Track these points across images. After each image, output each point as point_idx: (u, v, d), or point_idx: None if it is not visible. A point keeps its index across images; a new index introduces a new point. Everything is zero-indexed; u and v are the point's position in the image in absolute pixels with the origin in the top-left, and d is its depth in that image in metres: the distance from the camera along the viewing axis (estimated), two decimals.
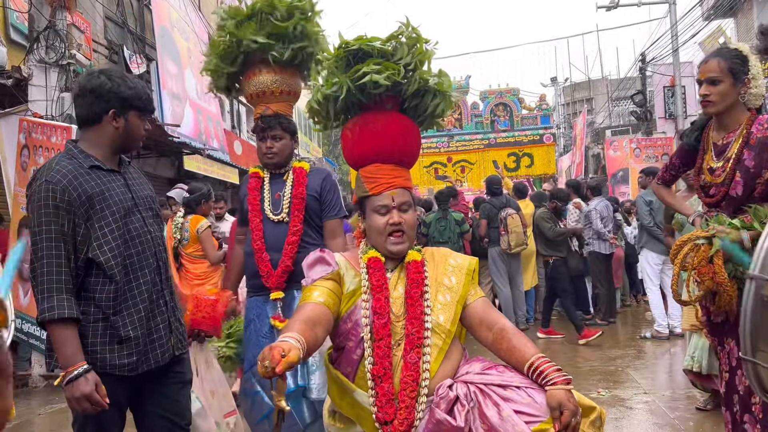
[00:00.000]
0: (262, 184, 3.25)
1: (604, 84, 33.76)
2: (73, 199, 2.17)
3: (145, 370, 2.28)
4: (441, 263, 2.25)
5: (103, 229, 2.21)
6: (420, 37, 2.30)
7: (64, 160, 2.25)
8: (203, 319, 2.78)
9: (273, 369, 1.67)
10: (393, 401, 2.00)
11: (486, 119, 18.48)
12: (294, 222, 3.13)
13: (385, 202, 2.20)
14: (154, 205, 2.48)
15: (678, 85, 15.03)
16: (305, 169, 3.26)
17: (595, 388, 5.17)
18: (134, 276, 2.27)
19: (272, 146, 3.19)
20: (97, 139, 2.32)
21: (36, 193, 2.18)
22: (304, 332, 1.88)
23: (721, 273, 2.48)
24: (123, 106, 2.30)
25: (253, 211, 3.18)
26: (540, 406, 1.92)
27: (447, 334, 2.11)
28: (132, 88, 2.31)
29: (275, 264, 3.09)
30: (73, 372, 2.07)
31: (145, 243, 2.33)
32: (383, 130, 2.25)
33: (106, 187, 2.26)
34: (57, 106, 5.86)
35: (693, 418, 4.32)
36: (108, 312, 2.20)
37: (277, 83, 3.24)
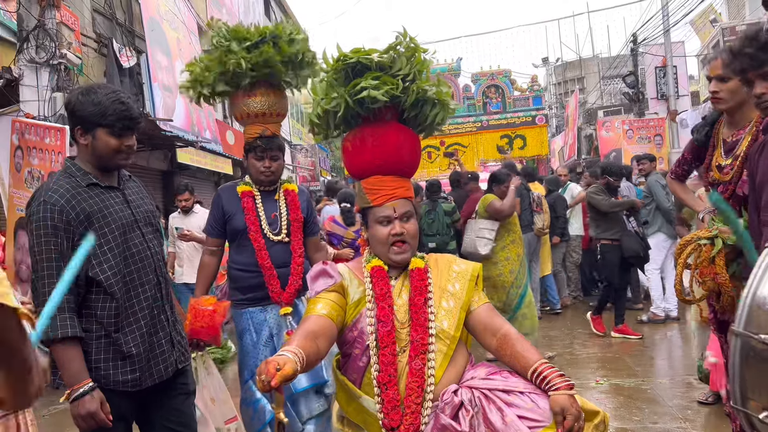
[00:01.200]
0: (255, 203, 3.33)
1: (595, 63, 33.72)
2: (71, 219, 2.17)
3: (149, 385, 2.31)
4: (445, 269, 2.27)
5: (102, 247, 2.22)
6: (417, 47, 2.30)
7: (62, 179, 2.26)
8: (202, 328, 2.82)
9: (269, 383, 1.72)
10: (399, 407, 2.04)
11: (478, 101, 18.46)
12: (298, 244, 3.32)
13: (387, 213, 2.22)
14: (154, 219, 2.48)
15: (669, 66, 15.02)
16: (296, 191, 3.43)
17: (593, 376, 5.24)
18: (135, 293, 2.29)
19: (270, 166, 3.32)
20: (82, 156, 2.33)
21: (35, 214, 2.19)
22: (305, 345, 1.92)
23: (723, 274, 2.50)
24: (87, 123, 2.24)
25: (255, 230, 3.27)
26: (543, 412, 1.96)
27: (451, 340, 2.14)
28: (96, 104, 2.22)
29: (281, 280, 3.24)
30: (79, 390, 2.09)
31: (145, 259, 2.34)
32: (383, 142, 2.26)
33: (104, 204, 2.27)
34: (49, 106, 5.83)
35: (691, 407, 4.39)
36: (110, 329, 2.23)
37: (275, 105, 3.35)
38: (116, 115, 2.24)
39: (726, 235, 2.54)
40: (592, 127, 22.94)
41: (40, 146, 5.58)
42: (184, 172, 12.74)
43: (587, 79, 35.88)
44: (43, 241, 2.15)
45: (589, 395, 4.76)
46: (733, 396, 1.51)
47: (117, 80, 9.43)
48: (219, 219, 3.37)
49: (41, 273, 2.15)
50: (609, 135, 18.59)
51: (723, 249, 2.55)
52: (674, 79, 15.12)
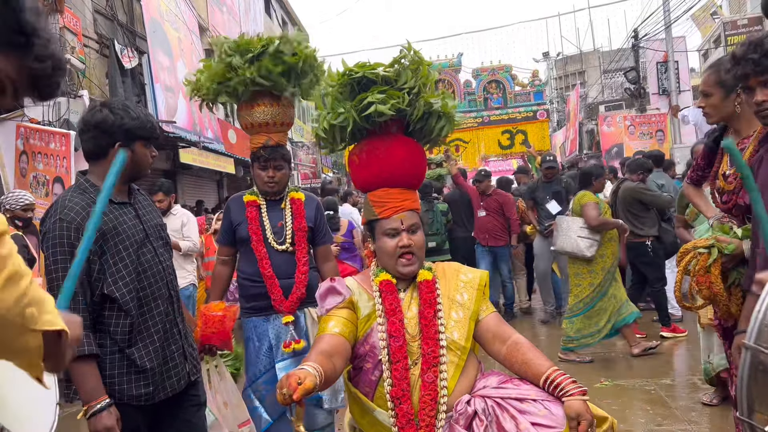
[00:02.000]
0: (260, 212, 3.35)
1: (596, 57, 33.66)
2: None
3: (162, 398, 2.34)
4: (452, 279, 2.29)
5: (117, 264, 2.24)
6: (422, 60, 2.32)
7: (76, 196, 2.27)
8: (213, 334, 2.85)
9: (290, 396, 1.73)
10: (413, 421, 2.06)
11: (479, 97, 18.45)
12: (302, 253, 3.32)
13: (394, 225, 2.24)
14: (164, 233, 2.51)
15: (671, 61, 15.01)
16: (302, 200, 3.42)
17: (597, 377, 5.26)
18: (148, 308, 2.31)
19: (274, 176, 3.33)
20: (105, 172, 2.32)
21: (50, 231, 2.20)
22: (322, 363, 1.93)
23: (717, 283, 2.52)
24: (128, 138, 2.30)
25: (257, 240, 3.29)
26: (557, 418, 1.98)
27: (462, 351, 2.16)
28: (135, 119, 2.32)
29: (283, 290, 3.24)
30: (96, 406, 2.11)
31: (157, 274, 2.37)
32: (389, 155, 2.28)
33: (118, 221, 2.29)
34: (53, 111, 5.85)
35: (695, 408, 4.41)
36: (124, 345, 2.25)
37: (279, 115, 3.36)
38: (150, 125, 2.38)
39: (723, 244, 2.56)
40: (593, 122, 22.92)
41: (45, 151, 5.60)
42: (186, 172, 12.77)
43: (588, 73, 35.83)
44: (59, 259, 2.17)
45: (594, 396, 4.77)
46: (740, 407, 1.53)
47: (119, 81, 9.44)
48: (228, 229, 3.41)
49: (57, 291, 2.16)
50: (611, 130, 18.60)
51: (719, 258, 2.57)
52: (676, 75, 15.10)
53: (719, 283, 2.54)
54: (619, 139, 17.04)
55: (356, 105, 2.24)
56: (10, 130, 5.82)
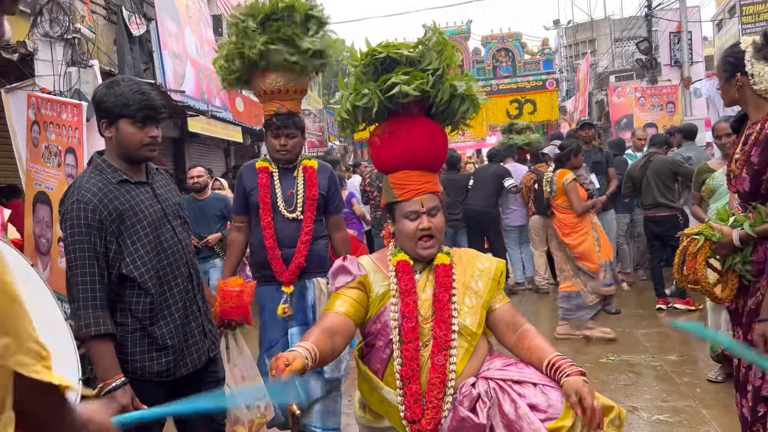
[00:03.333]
0: (272, 180, 3.34)
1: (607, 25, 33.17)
2: (104, 218, 2.22)
3: (183, 374, 2.39)
4: (469, 266, 2.31)
5: (135, 244, 2.27)
6: (447, 42, 2.30)
7: (94, 176, 2.29)
8: (231, 309, 2.88)
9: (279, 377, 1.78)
10: (420, 401, 2.11)
11: (488, 65, 18.25)
12: (307, 222, 3.32)
13: (415, 208, 2.24)
14: (182, 212, 2.54)
15: (684, 31, 14.78)
16: (315, 168, 3.40)
17: (604, 352, 5.32)
18: (168, 287, 2.35)
19: (286, 144, 3.32)
20: (110, 151, 2.36)
21: (68, 212, 2.23)
22: (320, 341, 1.99)
23: (701, 270, 2.59)
24: (111, 115, 2.29)
25: (264, 209, 3.30)
26: (555, 404, 2.02)
27: (473, 337, 2.20)
28: (118, 95, 2.26)
29: (286, 259, 3.26)
30: (111, 384, 2.16)
31: (177, 253, 2.40)
32: (411, 137, 2.27)
33: (135, 201, 2.31)
34: (64, 81, 5.82)
35: (700, 385, 4.47)
36: (145, 323, 2.29)
37: (291, 82, 3.33)
38: (137, 104, 2.27)
39: (711, 232, 2.60)
40: (603, 92, 22.69)
41: (56, 122, 5.59)
42: (194, 140, 12.75)
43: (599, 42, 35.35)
44: (77, 239, 2.20)
45: (600, 371, 4.85)
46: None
47: (127, 49, 9.36)
48: (241, 196, 3.43)
49: (75, 272, 2.20)
50: (620, 101, 18.41)
51: (707, 245, 2.62)
52: (689, 45, 14.89)
53: (703, 269, 2.62)
54: (629, 110, 16.87)
55: (380, 85, 2.23)
56: (21, 100, 5.80)
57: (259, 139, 16.59)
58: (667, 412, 3.98)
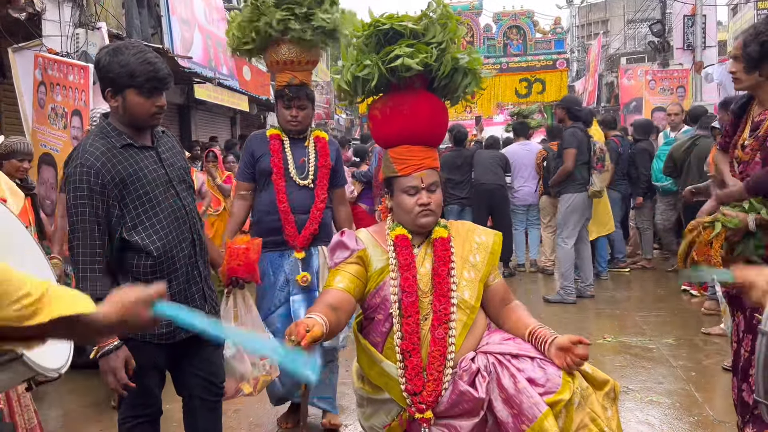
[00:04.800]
0: (283, 147, 3.36)
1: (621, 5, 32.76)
2: (107, 182, 2.22)
3: (183, 338, 2.41)
4: (467, 240, 2.32)
5: (137, 209, 2.28)
6: (451, 15, 2.28)
7: (98, 140, 2.29)
8: (238, 266, 2.81)
9: (299, 343, 1.80)
10: (421, 374, 2.13)
11: (499, 42, 18.06)
12: (321, 190, 3.35)
13: (414, 183, 2.24)
14: (187, 176, 2.53)
15: (699, 15, 14.58)
16: (326, 138, 3.45)
17: (601, 333, 5.35)
18: (171, 252, 2.35)
19: (297, 115, 3.34)
20: (114, 116, 2.35)
21: (71, 176, 2.24)
22: (328, 314, 2.00)
23: (716, 257, 2.56)
24: (117, 85, 2.24)
25: (278, 173, 3.31)
26: (553, 378, 2.04)
27: (471, 310, 2.22)
28: (123, 65, 2.20)
29: (299, 225, 3.29)
30: (105, 347, 2.18)
31: (180, 218, 2.40)
32: (412, 111, 2.26)
33: (139, 166, 2.30)
34: (72, 42, 5.81)
35: (695, 368, 4.50)
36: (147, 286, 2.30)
37: (305, 53, 3.34)
38: (144, 75, 2.23)
39: (727, 218, 2.59)
40: (613, 74, 22.48)
41: (63, 83, 5.58)
42: (200, 107, 12.72)
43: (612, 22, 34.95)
44: (79, 203, 2.21)
45: (596, 352, 4.88)
46: (757, 390, 1.59)
47: (135, 12, 9.29)
48: (249, 162, 3.43)
49: (77, 235, 2.22)
50: (630, 83, 18.25)
51: (723, 232, 2.60)
52: (702, 30, 14.71)
53: (718, 256, 2.59)
54: (639, 93, 16.73)
55: (382, 58, 2.21)
56: (28, 60, 5.79)
57: (266, 109, 16.52)
58: (660, 394, 4.02)
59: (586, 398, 2.05)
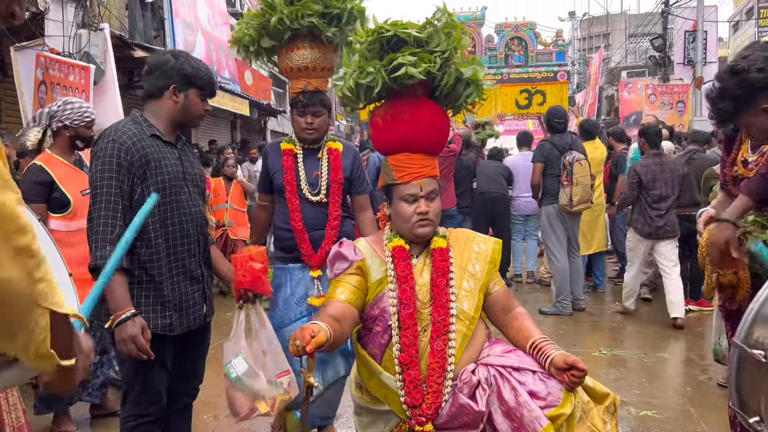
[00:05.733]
0: (296, 161, 3.31)
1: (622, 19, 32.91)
2: (135, 160, 2.34)
3: (178, 333, 2.45)
4: (466, 249, 2.31)
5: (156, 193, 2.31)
6: (456, 24, 2.27)
7: (130, 124, 2.43)
8: (244, 277, 2.74)
9: (303, 348, 1.81)
10: (420, 386, 2.11)
11: (500, 53, 18.16)
12: (334, 207, 3.29)
13: (413, 191, 2.23)
14: (201, 183, 2.63)
15: (700, 30, 14.65)
16: (339, 150, 3.34)
17: (596, 346, 5.34)
18: (177, 243, 2.44)
19: (312, 122, 3.25)
20: (158, 112, 2.49)
21: (102, 150, 2.34)
22: (332, 324, 2.00)
23: (745, 271, 2.50)
24: (183, 83, 2.45)
25: (291, 191, 3.26)
26: (554, 392, 2.03)
27: (471, 321, 2.20)
28: (194, 68, 2.47)
29: (314, 242, 3.24)
30: (122, 315, 2.22)
31: (189, 215, 2.49)
32: (413, 119, 2.25)
33: (162, 155, 2.42)
34: (74, 42, 5.81)
35: (691, 383, 4.48)
36: (153, 273, 2.37)
37: (320, 60, 3.27)
38: (208, 79, 2.52)
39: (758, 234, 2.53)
40: (614, 87, 22.57)
41: (63, 83, 5.58)
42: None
43: (613, 36, 35.10)
44: (106, 176, 2.30)
45: (592, 365, 4.86)
46: (732, 400, 1.60)
47: (139, 14, 9.32)
48: (265, 176, 3.42)
49: (99, 206, 2.29)
50: (631, 97, 18.32)
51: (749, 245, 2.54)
52: (703, 45, 14.78)
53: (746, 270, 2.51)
54: (639, 107, 16.79)
55: (386, 65, 2.20)
56: (30, 59, 5.79)
57: (267, 114, 16.54)
58: (655, 409, 4.00)
59: (587, 412, 2.05)
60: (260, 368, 2.72)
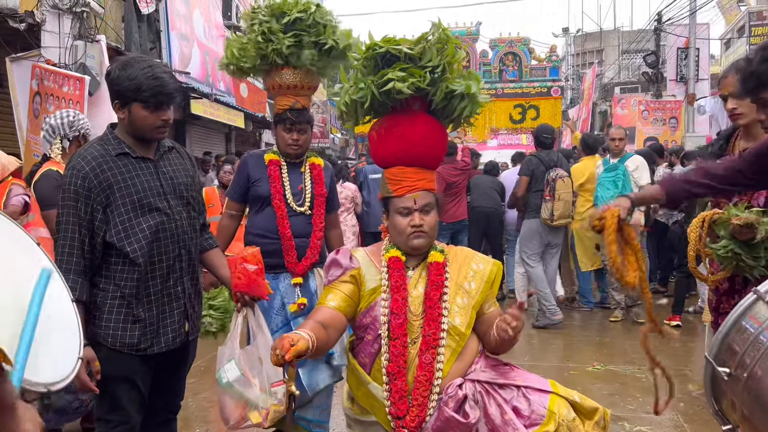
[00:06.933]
0: (281, 172, 3.35)
1: (616, 36, 33.21)
2: (93, 186, 2.28)
3: (155, 352, 2.39)
4: (464, 265, 2.31)
5: (122, 215, 2.31)
6: (450, 38, 2.29)
7: (94, 147, 2.37)
8: (239, 280, 2.68)
9: (283, 356, 1.82)
10: (406, 398, 2.12)
11: (494, 68, 18.23)
12: (319, 218, 3.35)
13: (408, 204, 2.25)
14: (187, 193, 2.51)
15: (692, 48, 14.81)
16: (321, 166, 3.45)
17: (591, 361, 5.34)
18: (152, 261, 2.35)
19: (298, 139, 3.32)
20: (120, 127, 2.42)
21: (64, 178, 2.32)
22: (317, 331, 2.02)
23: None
24: (123, 98, 2.32)
25: (279, 199, 3.29)
26: (538, 409, 2.05)
27: (461, 337, 2.21)
28: (132, 79, 2.28)
29: (298, 251, 3.28)
30: None
31: (168, 231, 2.39)
32: (407, 133, 2.28)
33: (130, 174, 2.34)
34: (70, 54, 5.83)
35: (684, 399, 4.48)
36: (125, 292, 2.32)
37: (308, 78, 3.34)
38: (151, 90, 2.29)
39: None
40: (607, 103, 22.73)
41: (57, 94, 5.59)
42: (196, 123, 12.73)
43: (606, 52, 35.39)
44: (64, 204, 2.28)
45: (584, 380, 4.87)
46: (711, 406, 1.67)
47: (135, 26, 9.35)
48: (242, 184, 3.39)
49: (60, 235, 2.28)
50: (624, 113, 18.46)
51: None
52: (696, 62, 14.93)
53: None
54: (632, 122, 16.90)
55: (377, 80, 2.23)
56: (25, 70, 5.81)
57: (262, 126, 16.57)
58: (649, 425, 4.00)
59: (572, 429, 2.05)
60: (256, 376, 2.66)
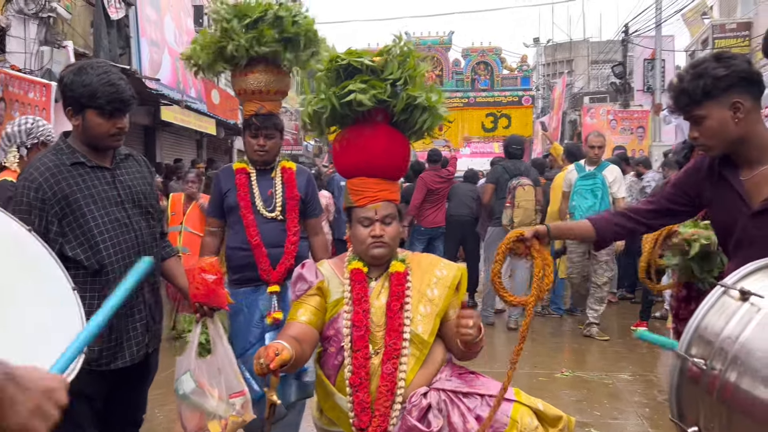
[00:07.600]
0: (250, 180, 3.31)
1: (585, 46, 33.73)
2: (47, 198, 2.21)
3: (119, 366, 2.34)
4: (427, 273, 2.31)
5: (82, 227, 2.25)
6: (411, 51, 2.32)
7: (48, 156, 2.30)
8: (198, 291, 2.66)
9: (267, 366, 1.83)
10: (369, 409, 2.12)
11: (467, 77, 18.41)
12: (293, 222, 3.28)
13: (368, 214, 2.26)
14: (146, 201, 2.47)
15: (658, 59, 15.11)
16: (293, 169, 3.38)
17: (559, 367, 5.40)
18: (112, 272, 2.29)
19: (264, 144, 3.28)
20: (75, 135, 2.35)
21: (17, 190, 2.27)
22: (293, 345, 2.01)
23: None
24: (76, 104, 2.26)
25: (245, 207, 3.24)
26: (500, 417, 2.06)
27: (424, 345, 2.21)
28: (86, 85, 2.21)
29: (272, 259, 3.21)
30: None
31: (126, 241, 2.35)
32: (368, 144, 2.29)
33: (86, 185, 2.28)
34: (36, 59, 5.75)
35: (650, 404, 4.55)
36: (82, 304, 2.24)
37: (274, 83, 3.30)
38: (106, 97, 2.22)
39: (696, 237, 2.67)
40: (577, 112, 23.04)
41: (23, 100, 5.50)
42: (166, 129, 12.62)
43: (576, 62, 35.90)
44: (18, 217, 2.15)
45: (553, 386, 4.93)
46: (672, 411, 1.65)
47: (104, 32, 9.25)
48: (217, 198, 3.37)
49: None
50: (593, 122, 18.70)
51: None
52: (661, 73, 15.23)
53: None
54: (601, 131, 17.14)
55: (338, 92, 2.24)
56: None
57: (234, 133, 16.46)
58: (616, 430, 4.06)
59: None
60: (215, 386, 2.66)
